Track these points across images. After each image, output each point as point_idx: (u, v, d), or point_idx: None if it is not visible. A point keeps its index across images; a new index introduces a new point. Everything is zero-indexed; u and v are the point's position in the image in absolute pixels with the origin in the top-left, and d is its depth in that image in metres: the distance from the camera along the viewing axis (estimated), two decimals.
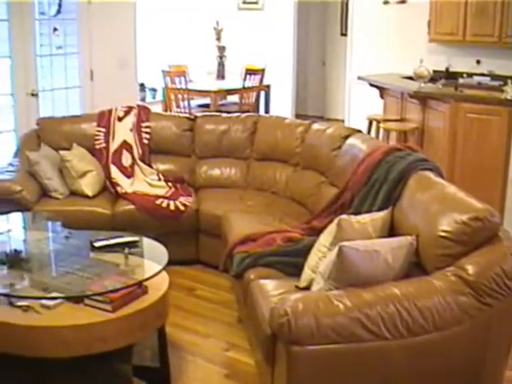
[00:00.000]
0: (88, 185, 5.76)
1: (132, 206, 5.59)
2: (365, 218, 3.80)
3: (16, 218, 5.27)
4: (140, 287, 3.79)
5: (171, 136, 6.34)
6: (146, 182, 6.02)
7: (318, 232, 4.21)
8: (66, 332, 3.57)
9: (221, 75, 12.05)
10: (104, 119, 6.35)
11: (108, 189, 5.95)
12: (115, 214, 5.54)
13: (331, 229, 3.81)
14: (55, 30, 8.31)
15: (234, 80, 11.25)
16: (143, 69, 10.32)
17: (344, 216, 3.77)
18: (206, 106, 10.35)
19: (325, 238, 3.83)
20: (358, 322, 3.00)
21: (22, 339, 3.61)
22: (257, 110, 10.69)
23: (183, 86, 10.01)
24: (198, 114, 6.66)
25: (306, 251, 4.00)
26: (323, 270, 3.43)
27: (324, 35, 13.48)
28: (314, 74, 13.69)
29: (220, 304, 5.09)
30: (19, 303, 3.70)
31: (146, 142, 6.26)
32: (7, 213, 5.20)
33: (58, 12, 8.42)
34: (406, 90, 7.92)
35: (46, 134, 6.30)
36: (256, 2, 12.14)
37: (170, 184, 6.00)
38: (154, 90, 11.27)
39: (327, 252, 3.68)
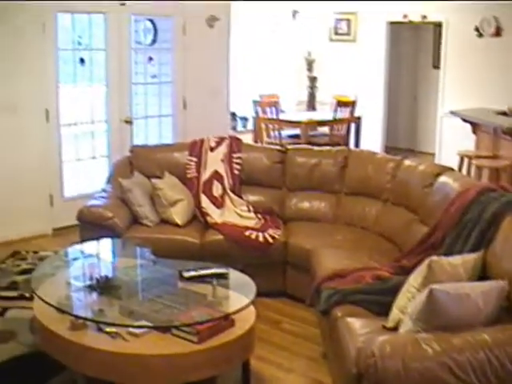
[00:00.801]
0: (178, 213, 5.83)
1: (221, 237, 5.61)
2: (456, 259, 3.71)
3: (107, 244, 5.40)
4: (227, 320, 3.80)
5: (262, 167, 6.36)
6: (236, 213, 6.05)
7: (407, 271, 4.14)
8: (152, 361, 3.62)
9: (312, 106, 12.10)
10: (196, 149, 6.44)
11: (198, 218, 6.01)
12: (204, 244, 5.57)
13: (421, 269, 3.74)
14: (150, 59, 8.52)
15: (324, 111, 11.27)
16: (235, 98, 10.45)
17: (435, 258, 3.69)
18: (297, 136, 10.36)
19: (414, 279, 3.76)
20: (446, 367, 2.93)
21: (109, 365, 3.68)
22: (347, 141, 10.64)
23: (274, 117, 10.07)
24: (290, 147, 6.66)
25: (394, 291, 3.93)
26: (412, 312, 3.37)
27: (416, 67, 13.36)
28: (405, 106, 13.56)
29: (305, 338, 5.03)
30: (108, 329, 3.77)
31: (236, 172, 6.30)
32: (99, 238, 5.34)
33: (154, 41, 8.64)
34: (499, 126, 7.76)
35: (139, 162, 6.43)
36: (348, 34, 12.15)
37: (259, 215, 6.01)
38: (245, 119, 11.36)
39: (416, 293, 3.61)
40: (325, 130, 10.74)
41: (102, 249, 5.37)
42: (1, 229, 7.06)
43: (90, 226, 5.64)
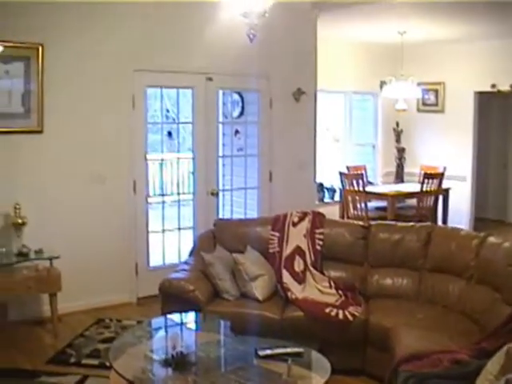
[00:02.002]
0: (259, 288, 5.84)
1: (301, 313, 5.57)
2: None
3: (188, 317, 5.46)
4: None
5: (344, 243, 6.33)
6: (317, 289, 6.02)
7: (487, 355, 4.02)
8: None
9: (400, 177, 12.05)
10: (279, 224, 6.48)
11: (278, 293, 6.00)
12: (284, 320, 5.54)
13: (500, 356, 3.62)
14: (237, 132, 8.68)
15: (412, 181, 11.21)
16: (323, 168, 10.52)
17: None
18: (383, 208, 10.31)
19: (492, 366, 3.65)
20: None
21: None
22: (435, 213, 10.53)
23: (361, 188, 10.05)
24: (372, 223, 6.62)
25: (472, 376, 3.82)
26: None
27: (505, 136, 13.17)
28: (494, 176, 13.33)
29: None
30: None
31: (318, 248, 6.28)
32: (180, 311, 5.41)
33: (241, 114, 8.79)
34: None
35: (222, 236, 6.52)
36: (436, 104, 12.14)
37: (340, 292, 5.96)
38: (332, 190, 11.40)
39: (494, 381, 3.50)
40: (412, 201, 10.65)
41: (183, 321, 5.45)
42: (87, 296, 7.27)
43: (172, 298, 5.73)
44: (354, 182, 10.14)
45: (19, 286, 6.32)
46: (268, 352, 4.38)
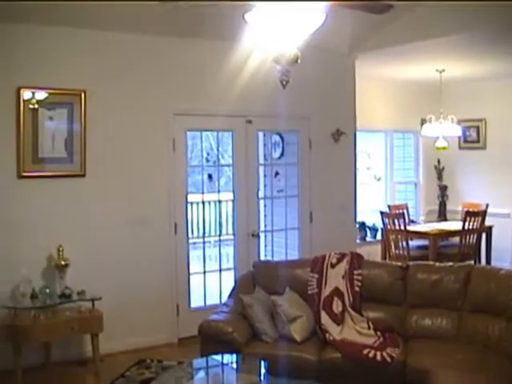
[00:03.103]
0: (297, 330, 5.85)
1: (338, 354, 5.56)
2: None
3: (226, 358, 5.50)
4: None
5: (383, 284, 6.31)
6: (356, 330, 6.00)
7: None
8: None
9: (442, 215, 11.99)
10: (317, 265, 6.50)
11: (317, 335, 6.01)
12: (321, 361, 5.54)
13: None
14: (277, 174, 8.74)
15: (455, 219, 11.14)
16: (364, 207, 10.53)
17: None
18: (425, 247, 10.25)
19: None
20: None
21: None
22: (478, 251, 10.43)
23: (402, 227, 10.02)
24: (410, 263, 6.60)
25: None
26: None
27: None
28: None
29: None
30: None
31: (357, 289, 6.28)
32: (219, 352, 5.46)
33: (282, 155, 8.86)
34: None
35: (261, 277, 6.58)
36: (477, 141, 12.08)
37: (378, 333, 5.93)
38: (374, 229, 11.37)
39: None
40: (455, 239, 10.57)
41: (222, 363, 5.49)
42: (128, 336, 7.38)
43: (211, 339, 5.77)
44: (396, 221, 10.11)
45: (62, 327, 6.44)
46: None
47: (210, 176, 8.87)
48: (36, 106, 6.81)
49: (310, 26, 4.18)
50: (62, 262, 6.76)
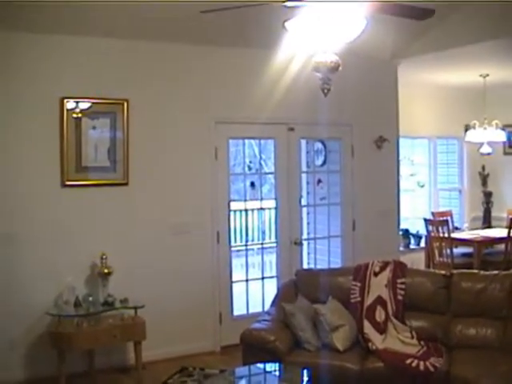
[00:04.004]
0: (340, 339, 5.80)
1: (381, 364, 5.51)
2: None
3: (268, 367, 5.48)
4: None
5: (426, 293, 6.22)
6: (398, 339, 5.93)
7: None
8: None
9: (487, 222, 11.84)
10: (360, 273, 6.45)
11: (359, 344, 5.96)
12: (363, 371, 5.48)
13: None
14: (319, 181, 8.71)
15: (500, 226, 10.98)
16: (408, 215, 10.43)
17: None
18: (470, 255, 10.12)
19: None
20: None
21: None
22: None
23: (446, 235, 9.91)
24: (454, 272, 6.51)
25: None
26: None
27: None
28: None
29: None
30: None
31: (400, 298, 6.21)
32: (261, 361, 5.44)
33: (324, 163, 8.83)
34: None
35: (303, 286, 6.55)
36: None
37: (422, 342, 5.85)
38: (418, 236, 11.26)
39: None
40: (500, 247, 10.41)
41: (264, 371, 5.48)
42: (171, 344, 7.40)
43: (253, 347, 5.77)
44: (440, 228, 10.00)
45: (105, 334, 6.48)
46: None
47: (252, 184, 8.86)
48: (79, 115, 6.89)
49: (351, 33, 4.16)
50: (105, 270, 6.81)
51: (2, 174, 6.66)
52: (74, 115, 6.87)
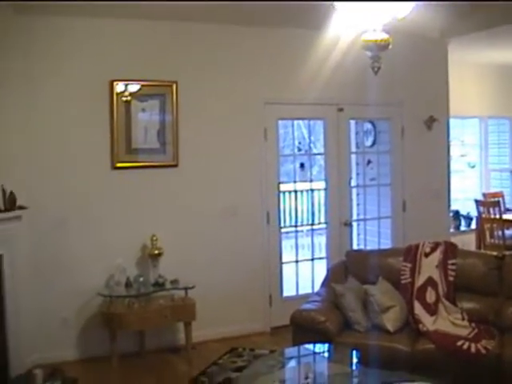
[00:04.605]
0: (390, 320, 5.77)
1: (432, 345, 5.44)
2: None
3: (318, 348, 5.48)
4: None
5: (478, 274, 6.12)
6: (449, 321, 5.86)
7: None
8: None
9: None
10: (410, 254, 6.39)
11: (409, 325, 5.91)
12: (414, 352, 5.43)
13: None
14: (369, 162, 8.65)
15: None
16: (458, 196, 10.30)
17: None
18: None
19: None
20: None
21: None
22: None
23: (497, 216, 9.78)
24: (507, 253, 6.42)
25: None
26: None
27: None
28: None
29: None
30: None
31: (451, 279, 6.13)
32: (311, 341, 5.45)
33: (374, 143, 8.76)
34: None
35: (354, 267, 6.52)
36: None
37: (473, 324, 5.78)
38: (469, 218, 11.13)
39: None
40: None
41: (314, 352, 5.48)
42: (221, 325, 7.46)
43: (303, 328, 5.76)
44: (491, 210, 9.87)
45: (156, 315, 6.56)
46: None
47: (302, 165, 8.84)
48: (129, 98, 6.94)
49: (401, 10, 4.11)
50: (156, 251, 6.88)
51: (54, 158, 6.76)
52: (124, 98, 6.91)
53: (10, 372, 6.29)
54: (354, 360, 5.15)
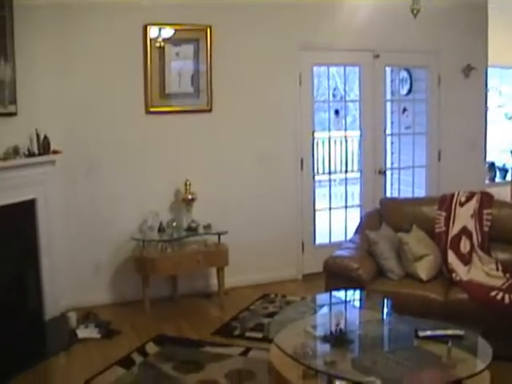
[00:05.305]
0: (423, 269, 5.73)
1: (465, 295, 5.40)
2: None
3: (351, 295, 5.48)
4: None
5: None
6: (483, 271, 5.80)
7: None
8: None
9: None
10: (445, 203, 6.31)
11: (442, 274, 5.87)
12: (447, 302, 5.39)
13: None
14: (404, 110, 8.53)
15: None
16: (494, 147, 10.15)
17: None
18: None
19: None
20: None
21: None
22: None
23: None
24: None
25: None
26: None
27: None
28: None
29: None
30: (338, 382, 3.83)
31: (486, 229, 6.05)
32: (343, 288, 5.44)
33: (409, 92, 8.63)
34: None
35: (388, 214, 6.47)
36: None
37: (507, 275, 5.71)
38: (504, 170, 10.99)
39: None
40: None
41: (346, 299, 5.48)
42: (253, 271, 7.47)
43: (336, 275, 5.76)
44: None
45: (188, 259, 6.59)
46: (428, 333, 4.33)
47: (336, 111, 8.74)
48: (162, 42, 6.86)
49: None
50: (189, 196, 6.88)
51: (88, 102, 6.74)
52: (157, 43, 6.84)
53: (44, 315, 6.39)
54: (387, 307, 5.13)
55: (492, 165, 10.86)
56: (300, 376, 3.97)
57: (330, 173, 8.42)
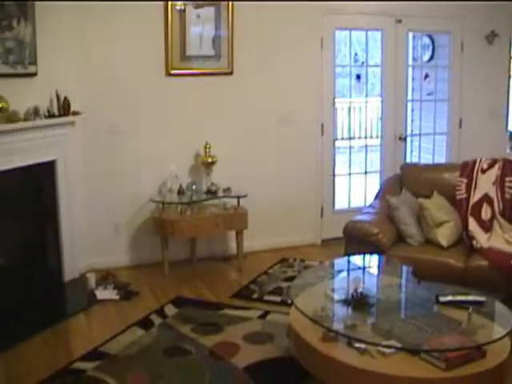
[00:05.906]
0: (444, 235, 5.71)
1: (485, 262, 5.38)
2: None
3: (370, 259, 5.48)
4: (479, 350, 3.69)
5: None
6: (504, 239, 5.75)
7: None
8: (396, 382, 3.60)
9: None
10: (467, 170, 6.27)
11: (463, 241, 5.85)
12: (467, 269, 5.38)
13: None
14: (426, 76, 8.45)
15: None
16: None
17: None
18: None
19: None
20: None
21: (353, 380, 3.75)
22: None
23: None
24: None
25: None
26: None
27: None
28: None
29: None
30: (357, 345, 3.83)
31: (508, 197, 6.00)
32: (362, 253, 5.44)
33: (431, 58, 8.54)
34: None
35: (408, 180, 6.44)
36: None
37: None
38: None
39: None
40: None
41: (365, 264, 5.48)
42: (272, 236, 7.49)
43: (355, 240, 5.75)
44: None
45: (208, 222, 6.58)
46: (449, 298, 4.32)
47: (358, 76, 8.67)
48: (183, 5, 6.80)
49: None
50: (209, 159, 6.86)
51: (108, 64, 6.71)
52: (178, 5, 6.78)
53: (64, 276, 6.43)
54: (406, 273, 5.11)
55: None
56: (320, 339, 3.97)
57: (350, 138, 8.36)
